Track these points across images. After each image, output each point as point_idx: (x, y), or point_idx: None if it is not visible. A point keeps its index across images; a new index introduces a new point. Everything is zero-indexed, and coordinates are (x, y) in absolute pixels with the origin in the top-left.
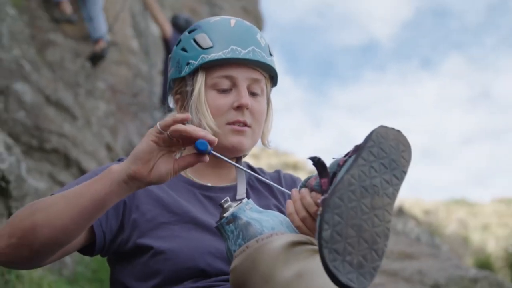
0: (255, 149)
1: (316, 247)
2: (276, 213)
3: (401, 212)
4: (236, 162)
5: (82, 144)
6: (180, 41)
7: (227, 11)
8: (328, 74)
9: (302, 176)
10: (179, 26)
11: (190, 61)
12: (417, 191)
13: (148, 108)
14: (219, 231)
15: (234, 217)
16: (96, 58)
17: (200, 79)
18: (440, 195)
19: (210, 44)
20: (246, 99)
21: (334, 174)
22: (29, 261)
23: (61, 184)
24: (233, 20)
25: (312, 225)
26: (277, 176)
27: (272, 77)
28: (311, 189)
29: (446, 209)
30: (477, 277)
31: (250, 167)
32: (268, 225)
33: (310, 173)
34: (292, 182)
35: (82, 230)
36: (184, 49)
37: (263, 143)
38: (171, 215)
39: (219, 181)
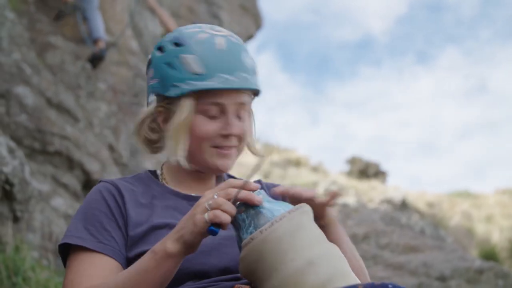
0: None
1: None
2: (287, 203)
3: (404, 205)
4: (217, 179)
5: (84, 145)
6: (162, 49)
7: (226, 10)
8: (324, 71)
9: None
10: None
11: (178, 84)
12: (419, 184)
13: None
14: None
15: (245, 207)
16: (95, 60)
17: (189, 106)
18: (442, 187)
19: (200, 71)
20: (235, 128)
21: None
22: None
23: (65, 186)
24: (220, 39)
25: None
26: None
27: (255, 93)
28: None
29: (449, 201)
30: (482, 268)
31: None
32: (279, 214)
33: (312, 169)
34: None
35: None
36: (170, 65)
37: (251, 151)
38: (163, 223)
39: (202, 192)
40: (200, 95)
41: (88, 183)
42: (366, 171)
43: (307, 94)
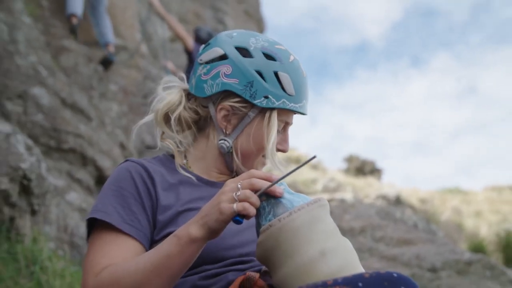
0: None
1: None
2: (306, 196)
3: (398, 201)
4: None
5: (97, 143)
6: (249, 54)
7: (231, 15)
8: (323, 74)
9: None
10: (201, 38)
11: (271, 97)
12: (413, 181)
13: None
14: None
15: (266, 196)
16: (106, 63)
17: (275, 120)
18: (434, 184)
19: (293, 93)
20: (288, 146)
21: None
22: None
23: (79, 182)
24: (301, 66)
25: None
26: None
27: None
28: None
29: (440, 197)
30: (471, 260)
31: None
32: (298, 205)
33: (312, 167)
34: None
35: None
36: (262, 75)
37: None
38: (187, 207)
39: (223, 179)
40: (280, 111)
41: (100, 179)
42: (363, 168)
43: None
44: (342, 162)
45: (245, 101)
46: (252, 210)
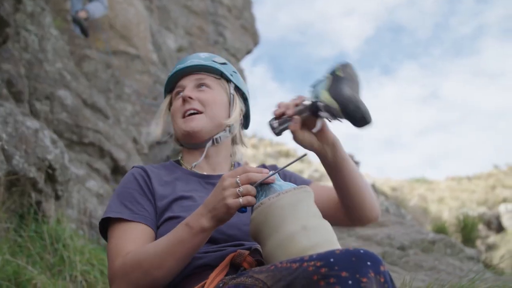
0: (254, 141)
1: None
2: (294, 185)
3: (373, 189)
4: (217, 150)
5: (113, 138)
6: None
7: (229, 29)
8: (307, 81)
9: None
10: None
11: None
12: (385, 172)
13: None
14: None
15: (260, 184)
16: (82, 29)
17: (167, 99)
18: (404, 175)
19: (169, 74)
20: (185, 93)
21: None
22: None
23: (97, 171)
24: (190, 55)
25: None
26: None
27: (222, 75)
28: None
29: (409, 186)
30: (434, 239)
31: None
32: (286, 189)
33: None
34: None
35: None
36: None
37: (234, 139)
38: (180, 195)
39: (211, 170)
40: (173, 89)
41: (116, 169)
42: None
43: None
44: None
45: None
46: (253, 200)
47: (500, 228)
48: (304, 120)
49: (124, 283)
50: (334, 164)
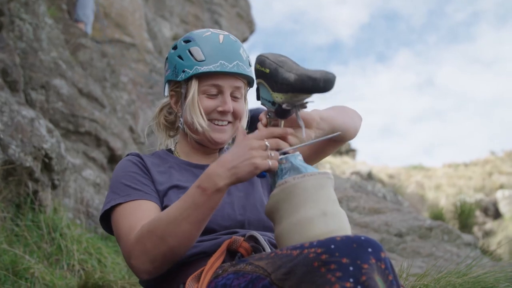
0: None
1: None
2: (316, 169)
3: (370, 176)
4: (219, 151)
5: (109, 127)
6: (176, 47)
7: (225, 17)
8: None
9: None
10: None
11: (186, 69)
12: (382, 159)
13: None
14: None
15: (286, 159)
16: None
17: (194, 86)
18: (401, 162)
19: (203, 58)
20: (229, 106)
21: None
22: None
23: (93, 160)
24: (221, 36)
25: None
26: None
27: (249, 82)
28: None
29: (406, 173)
30: (432, 226)
31: None
32: (311, 171)
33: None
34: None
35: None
36: (180, 57)
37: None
38: (175, 184)
39: (209, 162)
40: (202, 78)
41: (112, 158)
42: (339, 149)
43: None
44: None
45: (176, 83)
46: (276, 167)
47: (497, 215)
48: (286, 125)
49: (141, 254)
50: (338, 128)
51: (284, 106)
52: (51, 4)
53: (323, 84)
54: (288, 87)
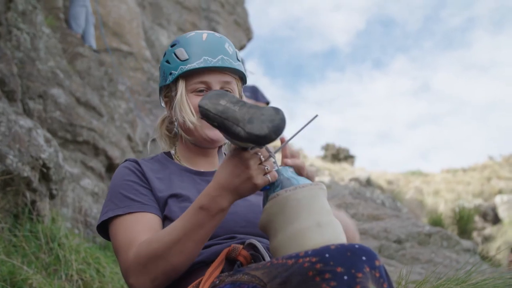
0: None
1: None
2: (309, 180)
3: (368, 182)
4: (218, 150)
5: (107, 136)
6: (165, 54)
7: (222, 25)
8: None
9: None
10: None
11: (172, 71)
12: (380, 165)
13: (160, 105)
14: None
15: (279, 172)
16: None
17: (181, 86)
18: (398, 168)
19: (187, 57)
20: None
21: None
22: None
23: (92, 169)
24: (205, 34)
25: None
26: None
27: (241, 78)
28: None
29: (404, 179)
30: (431, 232)
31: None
32: (303, 183)
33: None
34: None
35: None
36: (167, 61)
37: None
38: (175, 192)
39: (209, 167)
40: (189, 77)
41: (110, 167)
42: (338, 155)
43: (285, 94)
44: (320, 150)
45: (167, 88)
46: (276, 178)
47: (496, 220)
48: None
49: (141, 275)
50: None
51: (248, 149)
52: (49, 14)
53: (275, 136)
54: (242, 140)
